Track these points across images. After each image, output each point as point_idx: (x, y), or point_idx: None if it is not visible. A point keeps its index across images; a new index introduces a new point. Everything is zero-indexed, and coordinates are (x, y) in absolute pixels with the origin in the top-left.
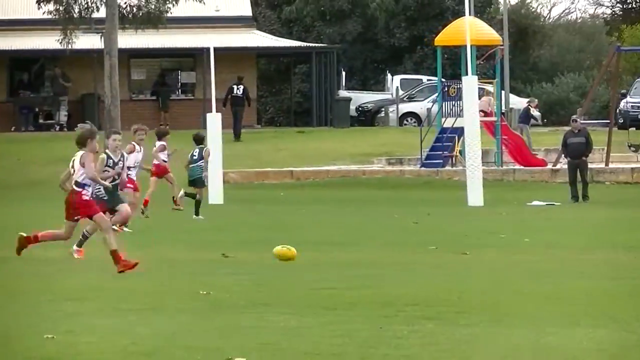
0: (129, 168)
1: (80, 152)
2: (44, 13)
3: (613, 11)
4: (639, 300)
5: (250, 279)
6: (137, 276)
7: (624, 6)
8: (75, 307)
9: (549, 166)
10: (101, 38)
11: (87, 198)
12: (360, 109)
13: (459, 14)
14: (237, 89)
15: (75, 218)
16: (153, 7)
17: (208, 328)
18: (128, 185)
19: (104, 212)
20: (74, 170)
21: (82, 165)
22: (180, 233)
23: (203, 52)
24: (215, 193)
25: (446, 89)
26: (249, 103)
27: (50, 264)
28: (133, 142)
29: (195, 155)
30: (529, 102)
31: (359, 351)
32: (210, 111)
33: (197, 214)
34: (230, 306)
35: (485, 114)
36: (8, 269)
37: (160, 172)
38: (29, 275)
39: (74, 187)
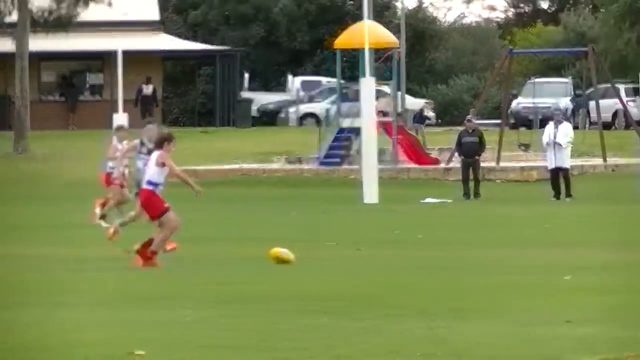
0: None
1: (157, 152)
2: None
3: (506, 15)
4: (527, 294)
5: (152, 274)
6: (39, 271)
7: (517, 10)
8: None
9: (442, 165)
10: (13, 41)
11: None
12: (261, 109)
13: (358, 18)
14: (146, 88)
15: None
16: (64, 11)
17: (110, 321)
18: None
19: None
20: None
21: (161, 164)
22: (93, 229)
23: (111, 54)
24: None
25: (345, 90)
26: (157, 103)
27: None
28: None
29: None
30: (425, 104)
31: (256, 344)
32: (117, 112)
33: None
34: (135, 300)
35: (384, 114)
36: None
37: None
38: None
39: (146, 185)
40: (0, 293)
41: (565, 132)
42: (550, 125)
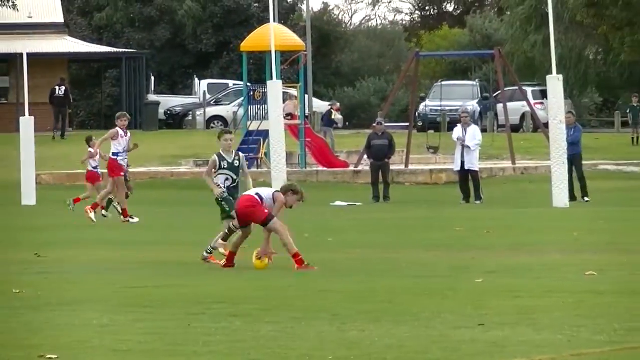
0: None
1: (278, 194)
2: None
3: (412, 18)
4: (439, 297)
5: (63, 278)
6: None
7: (423, 13)
8: None
9: (351, 167)
10: None
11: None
12: (168, 112)
13: (264, 20)
14: (59, 90)
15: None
16: None
17: (20, 326)
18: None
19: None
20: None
21: (277, 209)
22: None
23: (16, 57)
24: (28, 194)
25: (252, 93)
26: (70, 104)
27: None
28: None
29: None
30: (330, 104)
31: (168, 348)
32: (24, 115)
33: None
34: (43, 304)
35: (292, 117)
36: None
37: (93, 178)
38: None
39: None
40: None
41: (473, 134)
42: (459, 128)
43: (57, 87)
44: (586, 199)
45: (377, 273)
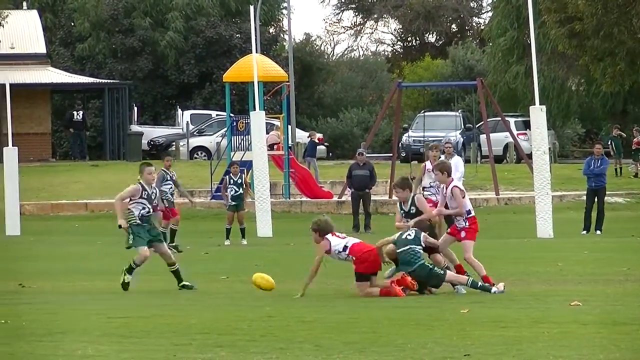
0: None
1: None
2: None
3: (394, 49)
4: (424, 328)
5: (47, 308)
6: None
7: (405, 44)
8: None
9: (335, 198)
10: None
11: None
12: (152, 143)
13: (246, 51)
14: (77, 114)
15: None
16: None
17: (4, 356)
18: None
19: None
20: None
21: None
22: None
23: None
24: (12, 224)
25: (235, 124)
26: (87, 127)
27: None
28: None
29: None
30: (309, 135)
31: None
32: (7, 145)
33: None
34: (27, 334)
35: (276, 147)
36: None
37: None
38: None
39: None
40: None
41: (456, 166)
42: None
43: (74, 112)
44: (598, 232)
45: (360, 303)
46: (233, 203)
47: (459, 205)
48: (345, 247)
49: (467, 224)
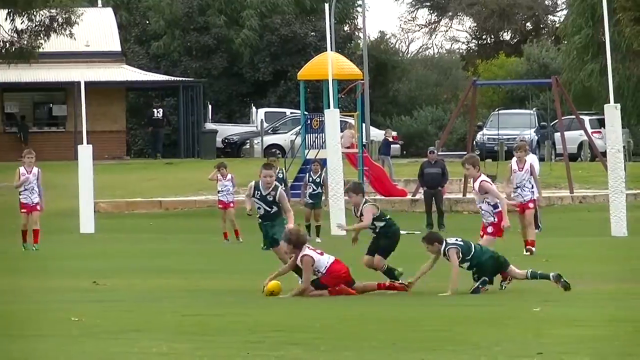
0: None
1: None
2: None
3: (469, 47)
4: (498, 325)
5: (121, 306)
6: (9, 304)
7: (479, 42)
8: None
9: (409, 196)
10: None
11: None
12: (226, 140)
13: (321, 49)
14: (157, 112)
15: None
16: (25, 42)
17: (78, 354)
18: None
19: None
20: None
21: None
22: (53, 260)
23: (74, 85)
24: (86, 222)
25: (309, 122)
26: (170, 123)
27: None
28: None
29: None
30: (385, 133)
31: None
32: (82, 143)
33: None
34: (102, 332)
35: (351, 146)
36: None
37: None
38: None
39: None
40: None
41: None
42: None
43: (154, 110)
44: None
45: (433, 301)
46: (310, 201)
47: (495, 196)
48: (325, 268)
49: (496, 219)
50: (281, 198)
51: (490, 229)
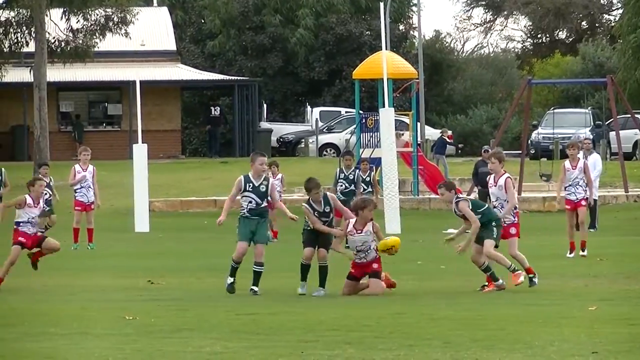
0: None
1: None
2: None
3: (524, 46)
4: (555, 324)
5: (175, 305)
6: (64, 302)
7: (535, 41)
8: (1, 332)
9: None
10: (31, 71)
11: None
12: (281, 140)
13: (376, 48)
14: (215, 110)
15: None
16: (81, 41)
17: (133, 352)
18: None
19: None
20: None
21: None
22: (108, 259)
23: (129, 85)
24: (141, 221)
25: (364, 121)
26: (227, 121)
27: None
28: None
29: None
30: (441, 132)
31: None
32: (137, 142)
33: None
34: (156, 331)
35: (406, 144)
36: None
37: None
38: None
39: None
40: (20, 323)
41: (594, 163)
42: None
43: (212, 108)
44: None
45: (487, 300)
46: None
47: (511, 196)
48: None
49: (516, 219)
50: (272, 188)
51: (513, 230)
